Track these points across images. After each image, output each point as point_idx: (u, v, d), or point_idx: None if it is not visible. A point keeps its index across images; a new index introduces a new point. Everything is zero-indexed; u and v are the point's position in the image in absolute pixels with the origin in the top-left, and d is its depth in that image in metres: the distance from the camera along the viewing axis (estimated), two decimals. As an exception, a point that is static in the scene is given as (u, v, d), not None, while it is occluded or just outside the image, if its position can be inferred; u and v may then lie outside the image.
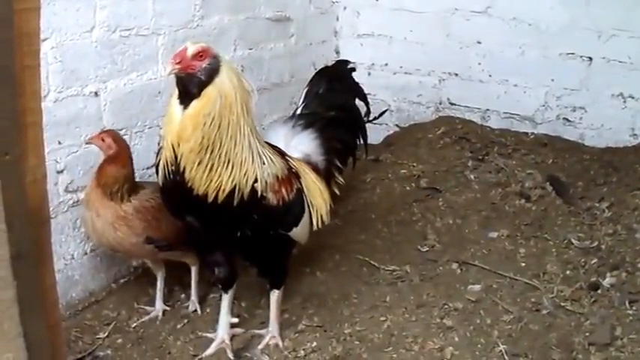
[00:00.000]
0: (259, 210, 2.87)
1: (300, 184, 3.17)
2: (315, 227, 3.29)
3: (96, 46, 3.36)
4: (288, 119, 3.62)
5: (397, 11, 5.27)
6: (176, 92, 2.76)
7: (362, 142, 3.88)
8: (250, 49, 4.41)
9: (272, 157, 2.97)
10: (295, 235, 3.14)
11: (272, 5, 4.60)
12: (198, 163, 2.71)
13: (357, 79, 4.05)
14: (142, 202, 3.17)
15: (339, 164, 3.67)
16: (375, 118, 4.07)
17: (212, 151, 2.71)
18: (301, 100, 3.72)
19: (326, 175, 3.52)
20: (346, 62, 4.11)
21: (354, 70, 4.04)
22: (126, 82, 3.55)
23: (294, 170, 3.17)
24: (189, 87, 2.69)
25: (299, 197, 3.11)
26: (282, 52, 4.83)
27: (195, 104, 2.68)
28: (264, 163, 2.88)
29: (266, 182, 2.87)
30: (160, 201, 3.09)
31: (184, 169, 2.72)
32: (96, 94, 3.40)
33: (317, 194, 3.32)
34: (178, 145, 2.71)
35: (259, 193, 2.84)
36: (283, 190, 2.97)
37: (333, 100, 3.72)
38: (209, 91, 2.68)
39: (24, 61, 1.61)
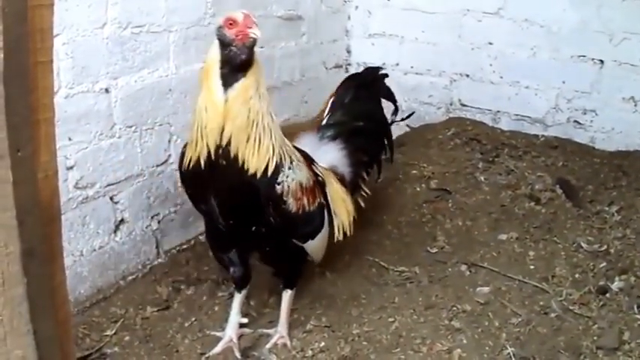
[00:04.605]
0: (277, 212, 2.87)
1: (325, 197, 3.19)
2: (336, 239, 3.32)
3: (107, 42, 3.36)
4: (315, 129, 3.62)
5: (409, 11, 5.27)
6: (213, 77, 2.70)
7: (388, 150, 3.90)
8: (261, 47, 4.37)
9: (298, 162, 2.97)
10: (310, 248, 3.14)
11: (283, 4, 4.60)
12: (247, 139, 2.71)
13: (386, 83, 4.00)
14: None
15: (365, 175, 3.69)
16: (402, 119, 4.06)
17: (257, 124, 2.71)
18: (327, 110, 3.70)
19: (352, 186, 3.54)
20: (376, 69, 4.07)
21: (386, 75, 3.98)
22: (137, 79, 3.55)
23: (320, 178, 3.18)
24: (250, 55, 2.68)
25: (320, 211, 3.11)
26: (294, 51, 4.83)
27: (244, 79, 2.67)
28: (290, 168, 2.87)
29: (288, 187, 2.86)
30: None
31: (237, 148, 2.71)
32: (106, 90, 3.40)
33: (341, 205, 3.35)
34: (223, 127, 2.69)
35: (278, 190, 2.83)
36: (305, 200, 2.96)
37: (360, 110, 3.71)
38: (256, 60, 2.71)
39: (37, 58, 1.61)
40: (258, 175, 2.75)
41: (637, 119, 4.78)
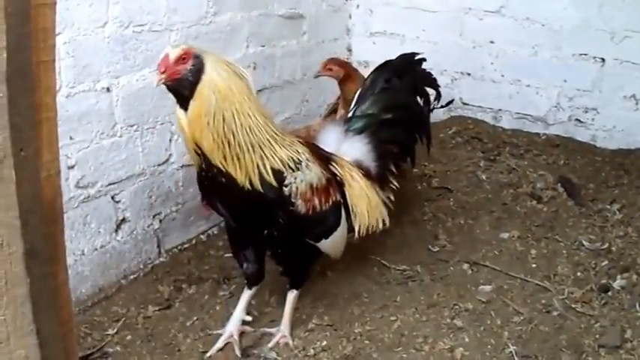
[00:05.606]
0: (285, 213, 2.87)
1: (342, 195, 3.16)
2: (357, 236, 3.30)
3: (108, 41, 3.36)
4: (341, 122, 3.58)
5: (410, 10, 5.27)
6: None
7: (425, 140, 3.78)
8: (262, 46, 4.40)
9: (309, 162, 2.94)
10: (324, 247, 3.13)
11: (285, 2, 4.59)
12: (224, 158, 2.71)
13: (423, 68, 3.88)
14: None
15: (393, 169, 3.59)
16: (442, 106, 3.99)
17: (230, 144, 2.70)
18: (354, 102, 3.60)
19: (379, 180, 3.46)
20: (410, 55, 3.88)
21: (423, 60, 3.85)
22: (138, 78, 3.54)
23: (338, 178, 3.16)
24: (181, 91, 2.70)
25: (334, 210, 3.09)
26: (295, 50, 4.82)
27: (192, 107, 2.69)
28: (293, 170, 2.86)
29: (296, 188, 2.86)
30: None
31: (219, 163, 2.73)
32: (108, 89, 3.39)
33: (363, 202, 3.30)
34: (198, 146, 2.73)
35: (286, 192, 2.83)
36: (316, 200, 2.95)
37: (390, 100, 3.59)
38: (200, 90, 2.67)
39: (39, 57, 1.61)
40: (247, 188, 2.76)
41: (638, 117, 4.78)
